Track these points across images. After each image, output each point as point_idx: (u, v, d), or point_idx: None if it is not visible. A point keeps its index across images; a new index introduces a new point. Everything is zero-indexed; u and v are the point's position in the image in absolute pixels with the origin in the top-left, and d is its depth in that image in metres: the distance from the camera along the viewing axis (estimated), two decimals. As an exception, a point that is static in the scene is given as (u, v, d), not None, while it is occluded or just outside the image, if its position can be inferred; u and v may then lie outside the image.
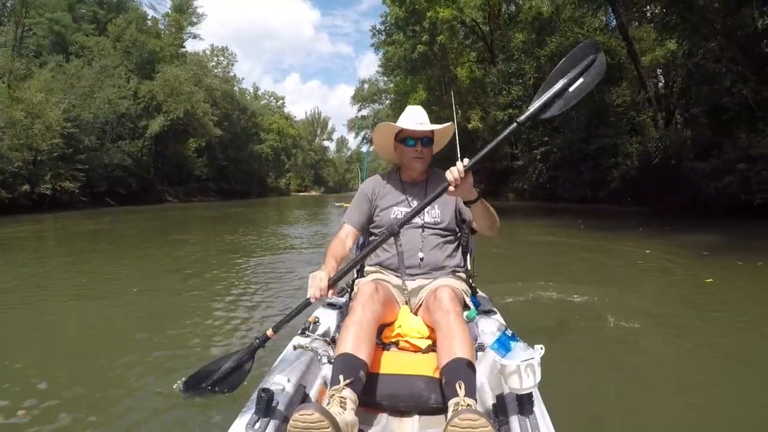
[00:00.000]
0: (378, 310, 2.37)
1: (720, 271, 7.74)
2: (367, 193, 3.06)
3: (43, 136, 33.22)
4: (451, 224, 2.97)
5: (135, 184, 45.50)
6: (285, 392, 2.02)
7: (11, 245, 14.55)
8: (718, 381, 3.66)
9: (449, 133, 3.13)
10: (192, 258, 10.39)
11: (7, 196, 29.66)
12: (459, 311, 2.36)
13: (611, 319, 4.96)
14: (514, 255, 10.14)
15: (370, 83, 72.13)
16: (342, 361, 2.09)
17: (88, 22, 52.39)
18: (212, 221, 24.41)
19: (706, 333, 4.75)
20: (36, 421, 3.09)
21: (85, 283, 8.03)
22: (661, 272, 8.01)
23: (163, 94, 50.07)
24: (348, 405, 1.91)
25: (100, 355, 4.34)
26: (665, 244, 10.90)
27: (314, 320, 2.77)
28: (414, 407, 2.23)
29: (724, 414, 3.11)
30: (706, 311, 5.48)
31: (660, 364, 3.94)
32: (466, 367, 2.08)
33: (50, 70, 40.23)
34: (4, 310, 6.13)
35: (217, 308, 5.89)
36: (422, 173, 3.06)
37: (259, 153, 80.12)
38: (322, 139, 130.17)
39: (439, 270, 2.86)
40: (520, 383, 1.89)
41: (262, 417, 1.83)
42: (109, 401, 3.39)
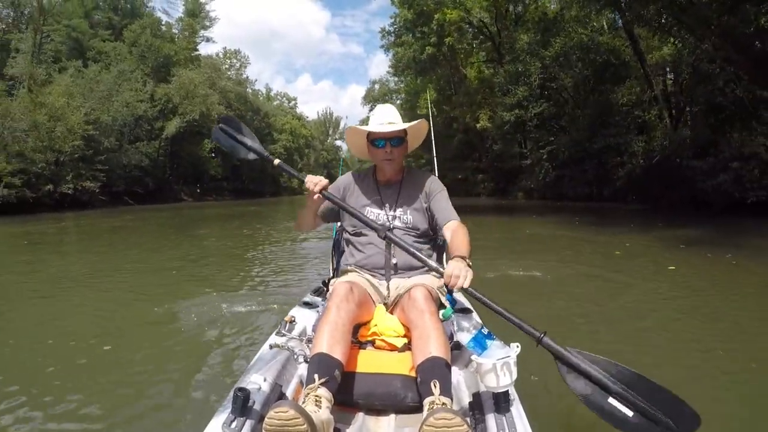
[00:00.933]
0: (353, 309, 2.38)
1: (685, 261, 8.62)
2: (340, 186, 3.05)
3: (65, 139, 34.10)
4: (422, 227, 2.94)
5: (152, 183, 46.30)
6: (261, 391, 2.02)
7: (47, 240, 15.65)
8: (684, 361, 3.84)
9: (423, 130, 3.08)
10: (217, 247, 11.59)
11: (32, 196, 30.54)
12: (434, 310, 2.36)
13: (577, 312, 5.35)
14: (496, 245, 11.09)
15: (380, 83, 72.48)
16: (317, 361, 2.10)
17: (104, 28, 52.99)
18: (231, 218, 25.14)
19: (661, 314, 5.30)
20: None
21: (127, 272, 8.80)
22: (631, 261, 8.93)
23: (179, 96, 50.80)
24: (323, 403, 1.92)
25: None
26: (649, 238, 11.82)
27: (290, 320, 2.79)
28: (390, 406, 2.25)
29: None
30: (662, 293, 6.32)
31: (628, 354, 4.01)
32: (441, 366, 2.09)
33: (70, 75, 41.05)
34: (64, 298, 6.62)
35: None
36: (397, 173, 3.03)
37: (273, 153, 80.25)
38: (334, 139, 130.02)
39: (414, 269, 2.85)
40: (496, 381, 1.91)
41: (239, 416, 1.84)
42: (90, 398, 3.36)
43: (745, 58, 15.52)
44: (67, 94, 37.50)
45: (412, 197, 2.94)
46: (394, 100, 65.10)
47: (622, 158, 23.36)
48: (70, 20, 48.31)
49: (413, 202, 2.93)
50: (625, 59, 25.54)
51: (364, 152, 3.07)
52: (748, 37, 15.31)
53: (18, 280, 8.36)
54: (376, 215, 2.89)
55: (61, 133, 34.14)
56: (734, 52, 15.73)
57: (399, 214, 2.89)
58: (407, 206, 2.91)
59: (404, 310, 2.46)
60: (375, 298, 2.72)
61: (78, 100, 38.23)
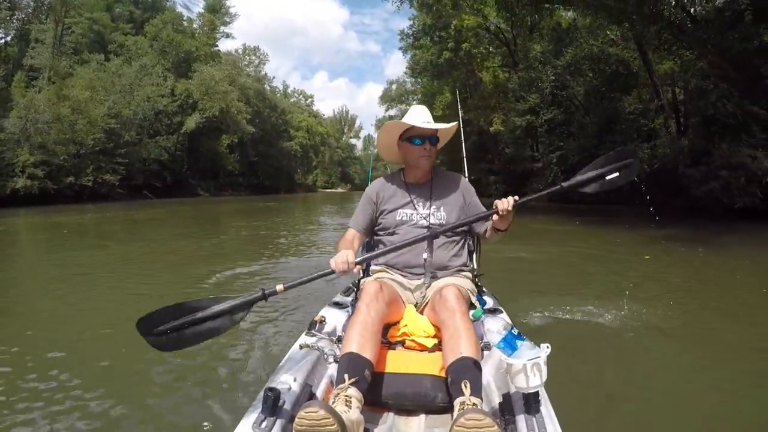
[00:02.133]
0: (383, 309, 2.37)
1: (662, 252, 10.05)
2: (372, 196, 3.05)
3: (88, 132, 35.04)
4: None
5: (169, 177, 47.14)
6: (291, 391, 2.02)
7: (88, 230, 16.96)
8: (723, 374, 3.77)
9: (451, 132, 3.12)
10: (244, 244, 12.12)
11: (53, 187, 31.70)
12: (464, 310, 2.34)
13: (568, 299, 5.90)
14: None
15: (398, 84, 72.69)
16: (347, 360, 2.10)
17: (125, 21, 54.06)
18: (254, 212, 26.27)
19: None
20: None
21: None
22: (613, 248, 11.05)
23: (199, 92, 51.76)
24: (353, 403, 1.92)
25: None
26: (638, 235, 13.27)
27: (320, 319, 2.77)
28: (420, 406, 2.24)
29: (724, 414, 3.19)
30: (630, 269, 8.19)
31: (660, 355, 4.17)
32: (471, 366, 2.08)
33: (93, 69, 41.99)
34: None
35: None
36: (427, 173, 3.05)
37: (288, 150, 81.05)
38: (350, 137, 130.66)
39: (445, 269, 2.84)
40: (526, 382, 1.90)
41: (269, 416, 1.84)
42: (119, 393, 3.41)
43: (740, 75, 16.72)
44: (90, 87, 38.49)
45: (445, 195, 2.98)
46: (411, 101, 65.50)
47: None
48: (92, 13, 49.28)
49: (448, 200, 2.96)
50: (634, 70, 26.16)
51: (393, 151, 3.10)
52: (744, 55, 16.57)
53: (65, 269, 8.84)
54: (410, 215, 2.92)
55: (83, 126, 35.04)
56: (732, 70, 16.99)
57: (433, 212, 2.92)
58: (441, 204, 2.95)
59: (435, 309, 2.48)
60: (405, 298, 2.73)
61: (100, 93, 39.28)
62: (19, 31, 42.16)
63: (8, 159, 30.34)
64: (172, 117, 48.73)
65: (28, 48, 40.30)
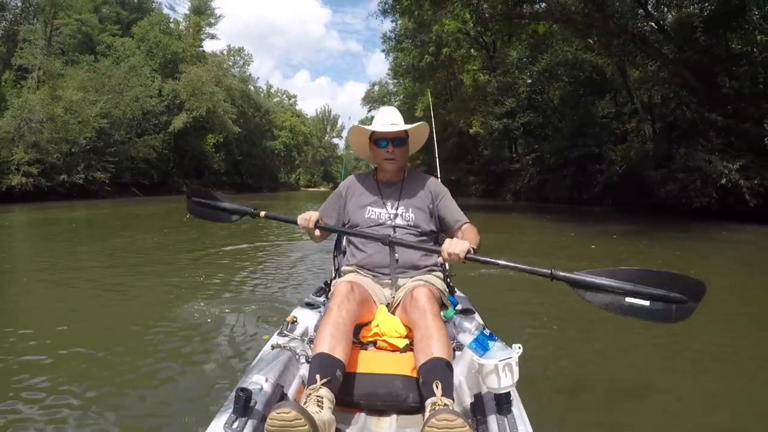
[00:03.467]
0: (354, 309, 2.34)
1: (608, 245, 11.43)
2: (342, 191, 3.06)
3: (80, 131, 35.54)
4: (425, 228, 2.92)
5: (156, 176, 47.68)
6: (263, 392, 1.99)
7: (108, 224, 18.07)
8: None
9: (424, 132, 3.09)
10: (218, 245, 11.73)
11: (46, 184, 32.42)
12: (436, 311, 2.31)
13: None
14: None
15: (380, 85, 73.00)
16: (318, 361, 2.07)
17: (113, 22, 53.47)
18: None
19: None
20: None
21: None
22: (567, 240, 12.26)
23: (186, 93, 51.96)
24: (325, 404, 1.89)
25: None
26: (595, 230, 14.57)
27: (292, 320, 2.73)
28: (392, 407, 2.22)
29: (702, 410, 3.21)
30: (572, 255, 9.83)
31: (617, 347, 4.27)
32: (443, 366, 2.05)
33: (85, 70, 42.23)
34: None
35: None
36: (397, 174, 3.03)
37: (272, 149, 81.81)
38: (332, 137, 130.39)
39: (416, 269, 2.83)
40: (498, 383, 1.89)
41: (240, 416, 1.82)
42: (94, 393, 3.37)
43: (699, 84, 17.67)
44: (82, 88, 38.79)
45: (414, 196, 2.96)
46: (393, 102, 65.45)
47: (601, 166, 24.84)
48: (80, 14, 48.72)
49: (416, 201, 2.95)
50: (608, 75, 27.17)
51: (366, 152, 3.11)
52: (701, 66, 17.71)
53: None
54: (378, 214, 2.91)
55: (76, 126, 35.54)
56: (693, 79, 18.17)
57: (401, 212, 2.91)
58: (409, 205, 2.93)
59: (406, 310, 2.45)
60: (376, 298, 2.70)
61: (91, 93, 39.37)
62: (6, 31, 41.82)
63: (3, 157, 30.83)
64: (159, 117, 48.83)
65: (16, 48, 40.30)
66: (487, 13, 20.19)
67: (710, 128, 17.18)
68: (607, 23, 19.72)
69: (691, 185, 17.00)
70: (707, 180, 16.47)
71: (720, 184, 16.09)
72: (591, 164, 26.17)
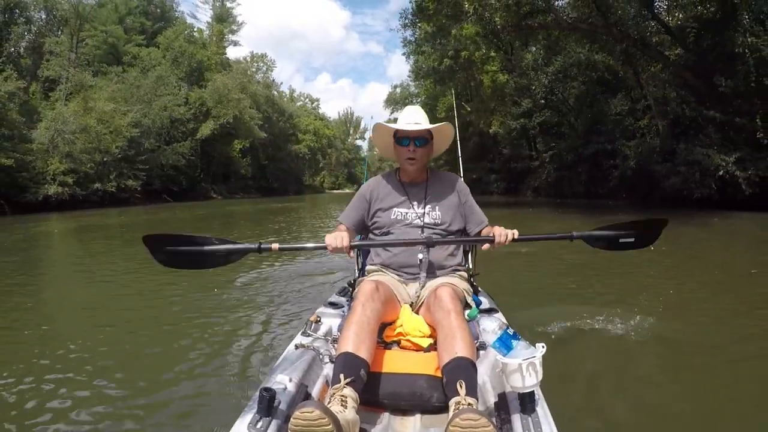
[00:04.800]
0: (378, 309, 2.33)
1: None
2: (365, 194, 3.05)
3: (113, 141, 36.60)
4: (453, 226, 2.92)
5: (185, 182, 48.69)
6: (287, 391, 2.01)
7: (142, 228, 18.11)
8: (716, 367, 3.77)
9: (449, 134, 3.08)
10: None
11: (81, 193, 33.46)
12: (460, 310, 2.31)
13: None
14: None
15: (402, 87, 73.71)
16: (343, 360, 2.06)
17: (137, 32, 55.06)
18: (278, 212, 27.67)
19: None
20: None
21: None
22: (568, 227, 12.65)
23: (212, 100, 53.03)
24: (349, 403, 1.89)
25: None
26: (596, 221, 14.78)
27: (316, 319, 2.73)
28: (416, 406, 2.21)
29: (723, 412, 3.15)
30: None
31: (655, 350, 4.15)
32: (467, 366, 2.04)
33: (115, 81, 43.62)
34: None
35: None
36: (420, 173, 3.01)
37: (297, 153, 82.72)
38: (355, 138, 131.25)
39: (440, 269, 2.83)
40: (522, 382, 1.89)
41: (264, 416, 1.82)
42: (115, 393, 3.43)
43: (699, 83, 19.00)
44: (112, 99, 40.11)
45: (441, 195, 2.95)
46: (415, 103, 65.77)
47: (615, 161, 25.58)
48: (105, 26, 50.57)
49: (443, 200, 2.94)
50: (620, 74, 27.96)
51: (390, 150, 3.09)
52: (700, 66, 18.98)
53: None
54: (405, 214, 2.90)
55: (109, 136, 36.68)
56: (693, 79, 19.48)
57: (428, 211, 2.90)
58: (437, 204, 2.92)
59: (430, 309, 2.43)
60: (400, 298, 2.69)
61: (121, 104, 40.68)
62: (32, 44, 42.98)
63: (39, 168, 31.73)
64: (186, 124, 49.82)
65: (42, 60, 41.54)
66: (499, 25, 21.27)
67: (709, 124, 18.35)
68: (610, 30, 21.24)
69: (691, 178, 18.33)
70: (706, 172, 17.74)
71: (718, 176, 17.27)
72: (606, 160, 26.97)
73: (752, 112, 16.72)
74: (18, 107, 32.70)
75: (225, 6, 68.30)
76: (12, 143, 30.15)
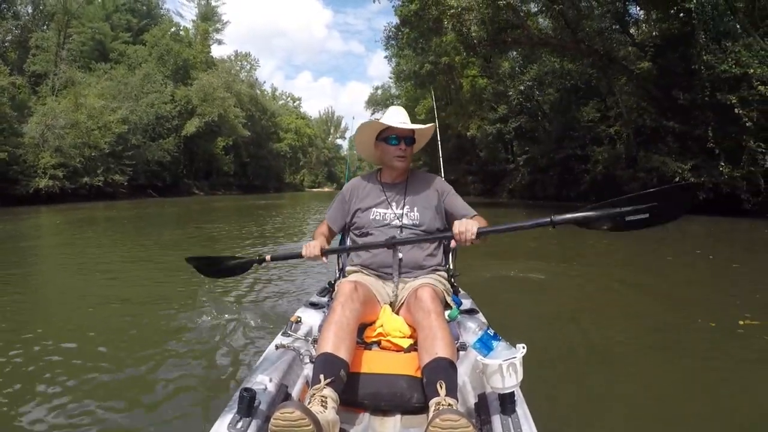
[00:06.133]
0: (358, 309, 2.32)
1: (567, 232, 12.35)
2: (345, 195, 3.05)
3: (102, 136, 37.17)
4: (432, 226, 2.88)
5: (168, 178, 49.15)
6: (267, 392, 1.99)
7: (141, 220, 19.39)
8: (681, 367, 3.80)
9: (428, 133, 3.08)
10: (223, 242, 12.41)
11: (71, 187, 34.12)
12: (440, 311, 2.29)
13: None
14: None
15: (383, 89, 74.51)
16: (322, 361, 2.04)
17: (124, 29, 55.08)
18: (262, 208, 28.52)
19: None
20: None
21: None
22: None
23: (198, 98, 53.45)
24: (329, 404, 1.87)
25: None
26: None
27: (296, 320, 2.72)
28: (396, 406, 2.20)
29: (701, 413, 3.16)
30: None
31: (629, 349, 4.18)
32: (447, 366, 2.04)
33: (105, 78, 43.96)
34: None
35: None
36: (402, 174, 2.99)
37: (278, 151, 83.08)
38: (336, 137, 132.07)
39: (419, 269, 2.81)
40: (502, 382, 1.88)
41: (244, 416, 1.81)
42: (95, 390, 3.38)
43: (660, 95, 20.38)
44: (101, 95, 40.63)
45: (420, 196, 2.93)
46: (395, 104, 66.75)
47: (586, 166, 26.74)
48: (92, 22, 50.63)
49: (422, 200, 2.91)
50: (592, 83, 29.07)
51: (370, 150, 3.07)
52: (660, 80, 20.48)
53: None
54: (383, 215, 2.89)
55: (98, 131, 37.22)
56: (655, 90, 20.78)
57: (406, 212, 2.88)
58: (415, 204, 2.90)
59: (410, 310, 2.42)
60: (380, 298, 2.68)
61: (109, 100, 41.10)
62: (17, 38, 43.22)
63: (30, 161, 32.36)
64: (171, 121, 50.26)
65: (28, 55, 41.87)
66: (475, 39, 22.24)
67: (669, 134, 19.61)
68: (578, 45, 22.59)
69: (649, 183, 19.31)
70: (663, 178, 18.77)
71: (675, 182, 18.81)
72: (577, 164, 28.16)
73: (707, 123, 17.93)
74: (9, 102, 33.09)
75: (210, 5, 68.48)
76: (3, 137, 30.67)
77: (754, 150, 16.30)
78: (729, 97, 16.37)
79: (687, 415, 3.10)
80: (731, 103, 16.29)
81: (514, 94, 34.01)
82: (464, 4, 20.86)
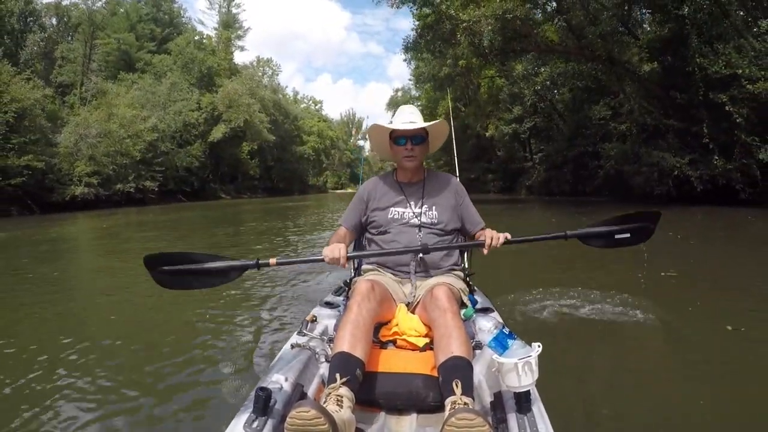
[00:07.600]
0: (374, 308, 2.31)
1: (569, 220, 14.60)
2: (363, 195, 3.03)
3: (134, 144, 38.60)
4: (449, 225, 2.88)
5: (196, 183, 50.40)
6: (283, 391, 1.99)
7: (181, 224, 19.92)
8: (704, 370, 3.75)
9: (444, 131, 3.03)
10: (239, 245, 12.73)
11: (105, 194, 35.62)
12: (456, 310, 2.28)
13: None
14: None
15: (403, 91, 76.03)
16: (338, 360, 2.04)
17: (148, 39, 56.72)
18: (291, 209, 29.09)
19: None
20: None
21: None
22: (540, 220, 15.83)
23: (223, 105, 54.56)
24: (345, 403, 1.88)
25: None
26: (570, 214, 18.46)
27: (312, 319, 2.72)
28: (412, 405, 2.19)
29: (718, 413, 3.08)
30: (533, 225, 13.26)
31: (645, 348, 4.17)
32: (463, 365, 2.02)
33: (135, 89, 45.33)
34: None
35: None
36: (417, 173, 2.99)
37: (301, 154, 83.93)
38: (357, 139, 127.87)
39: (436, 269, 2.80)
40: (517, 381, 1.88)
41: (260, 416, 1.81)
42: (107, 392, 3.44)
43: (663, 95, 21.57)
44: (130, 105, 41.98)
45: (438, 195, 2.92)
46: (415, 106, 67.31)
47: (599, 162, 27.56)
48: (117, 33, 52.23)
49: (440, 200, 2.91)
50: (603, 83, 29.61)
51: (386, 150, 3.06)
52: (660, 80, 22.02)
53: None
54: (402, 213, 2.88)
55: (129, 140, 38.61)
56: (657, 90, 22.12)
57: (425, 211, 2.88)
58: (433, 203, 2.89)
59: (426, 309, 2.41)
60: (396, 297, 2.66)
61: (138, 109, 42.56)
62: (43, 49, 44.55)
63: (65, 170, 33.81)
64: (198, 127, 51.50)
65: (54, 66, 43.19)
66: (487, 49, 23.65)
67: (669, 131, 20.96)
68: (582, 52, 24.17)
69: (651, 177, 21.03)
70: (663, 172, 20.37)
71: (674, 175, 19.84)
72: (591, 161, 29.16)
73: (702, 121, 19.11)
74: (44, 114, 34.37)
75: (231, 12, 69.82)
76: (40, 147, 31.82)
77: (748, 144, 17.56)
78: (720, 96, 17.72)
79: (711, 416, 3.06)
80: (723, 101, 17.65)
81: (528, 95, 35.39)
82: (476, 18, 22.10)
